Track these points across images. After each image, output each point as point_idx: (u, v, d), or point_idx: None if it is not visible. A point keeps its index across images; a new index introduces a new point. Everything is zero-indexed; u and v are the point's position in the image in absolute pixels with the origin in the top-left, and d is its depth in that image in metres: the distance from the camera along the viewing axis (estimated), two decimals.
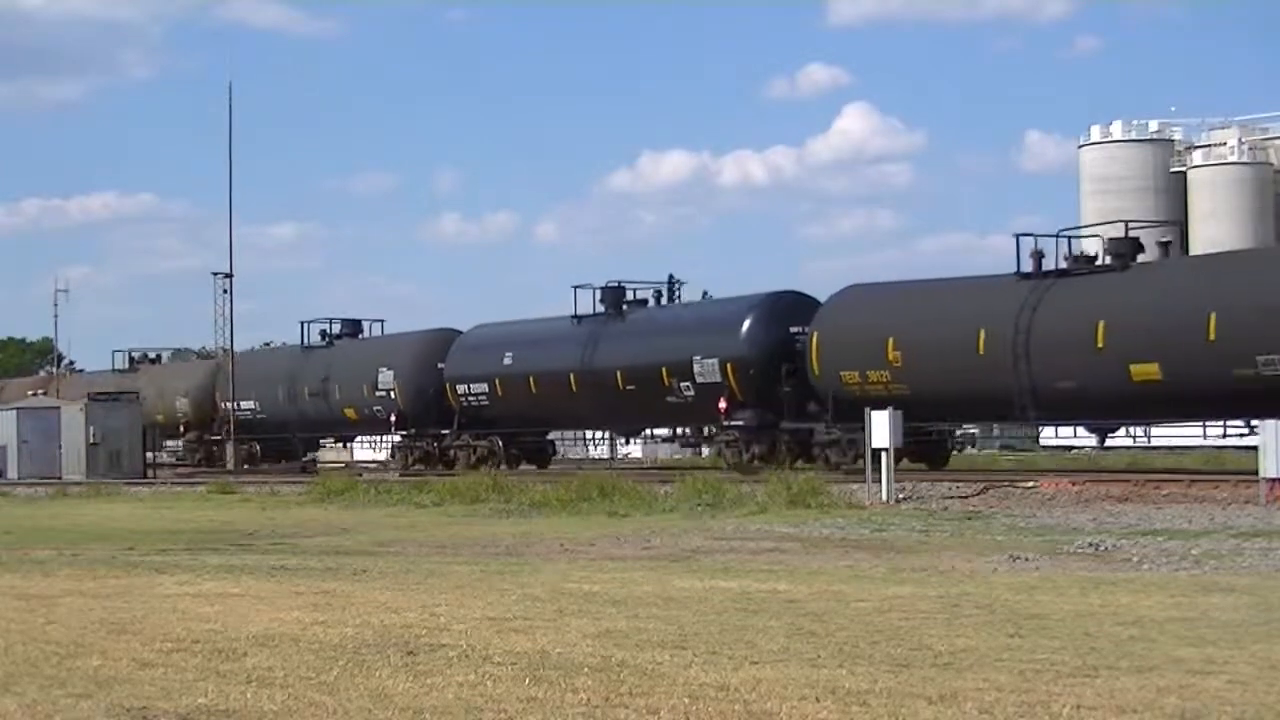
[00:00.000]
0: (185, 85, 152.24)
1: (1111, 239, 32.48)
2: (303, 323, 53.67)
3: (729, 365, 36.90)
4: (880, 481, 26.96)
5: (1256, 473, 24.01)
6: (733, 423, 37.22)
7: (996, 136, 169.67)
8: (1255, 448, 24.59)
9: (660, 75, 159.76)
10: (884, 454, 27.00)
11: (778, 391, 36.14)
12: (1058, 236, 33.35)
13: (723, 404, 36.96)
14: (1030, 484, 27.67)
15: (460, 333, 47.42)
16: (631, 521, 24.44)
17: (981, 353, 31.94)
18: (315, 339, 53.09)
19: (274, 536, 22.80)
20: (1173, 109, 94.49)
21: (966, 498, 26.72)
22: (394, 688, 8.69)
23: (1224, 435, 32.47)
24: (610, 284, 41.77)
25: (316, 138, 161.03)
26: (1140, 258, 31.95)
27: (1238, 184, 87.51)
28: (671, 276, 43.12)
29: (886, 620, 11.40)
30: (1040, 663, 9.30)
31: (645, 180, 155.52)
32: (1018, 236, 33.03)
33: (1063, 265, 32.45)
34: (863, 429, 33.39)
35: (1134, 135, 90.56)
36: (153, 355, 65.04)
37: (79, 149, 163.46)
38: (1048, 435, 46.81)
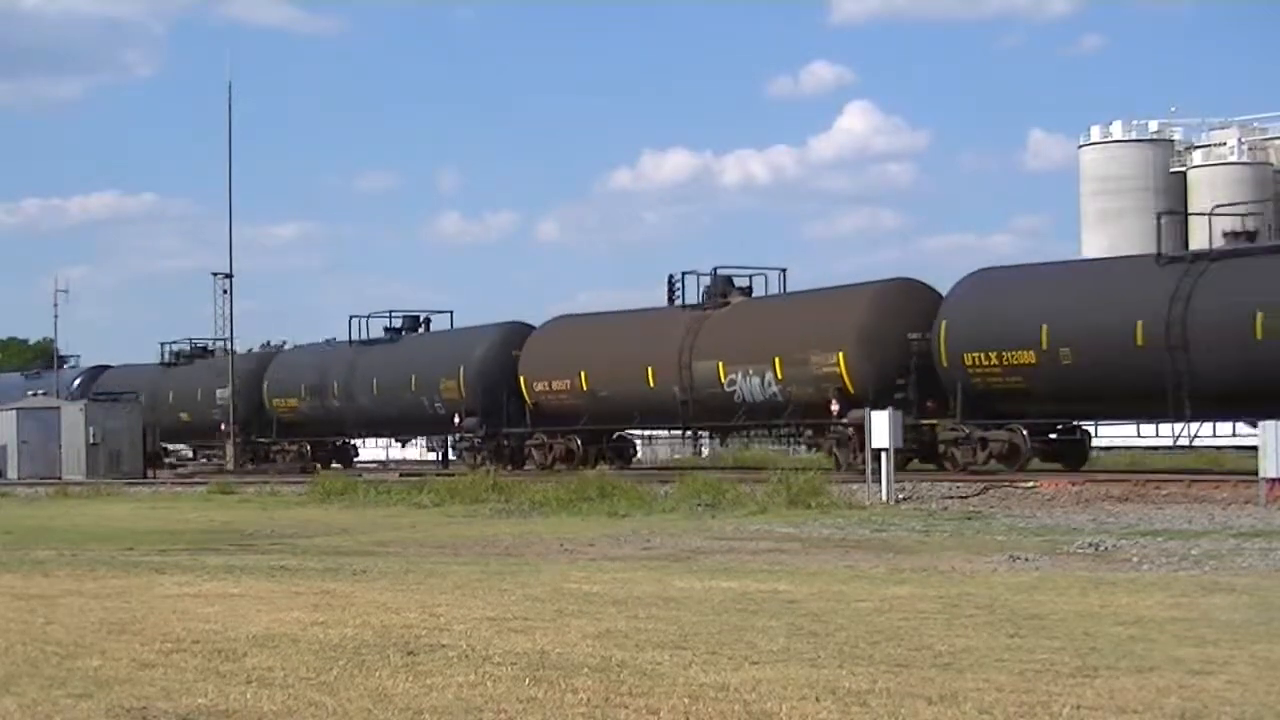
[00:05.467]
0: (187, 84, 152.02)
1: None
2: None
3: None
4: (880, 481, 26.98)
5: (1256, 473, 24.03)
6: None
7: (999, 136, 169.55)
8: (1255, 448, 24.60)
9: (661, 74, 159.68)
10: (884, 454, 27.01)
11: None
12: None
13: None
14: (1030, 484, 27.67)
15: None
16: (631, 521, 24.44)
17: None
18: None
19: (274, 537, 22.80)
20: (1173, 109, 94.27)
21: (966, 498, 26.73)
22: (394, 688, 8.69)
23: None
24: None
25: (318, 136, 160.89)
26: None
27: (1238, 184, 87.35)
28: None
29: (886, 620, 11.39)
30: (1040, 663, 9.30)
31: (647, 179, 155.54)
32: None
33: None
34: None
35: (1134, 135, 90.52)
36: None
37: (79, 149, 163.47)
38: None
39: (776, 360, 36.05)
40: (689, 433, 45.56)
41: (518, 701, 8.24)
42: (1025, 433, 31.73)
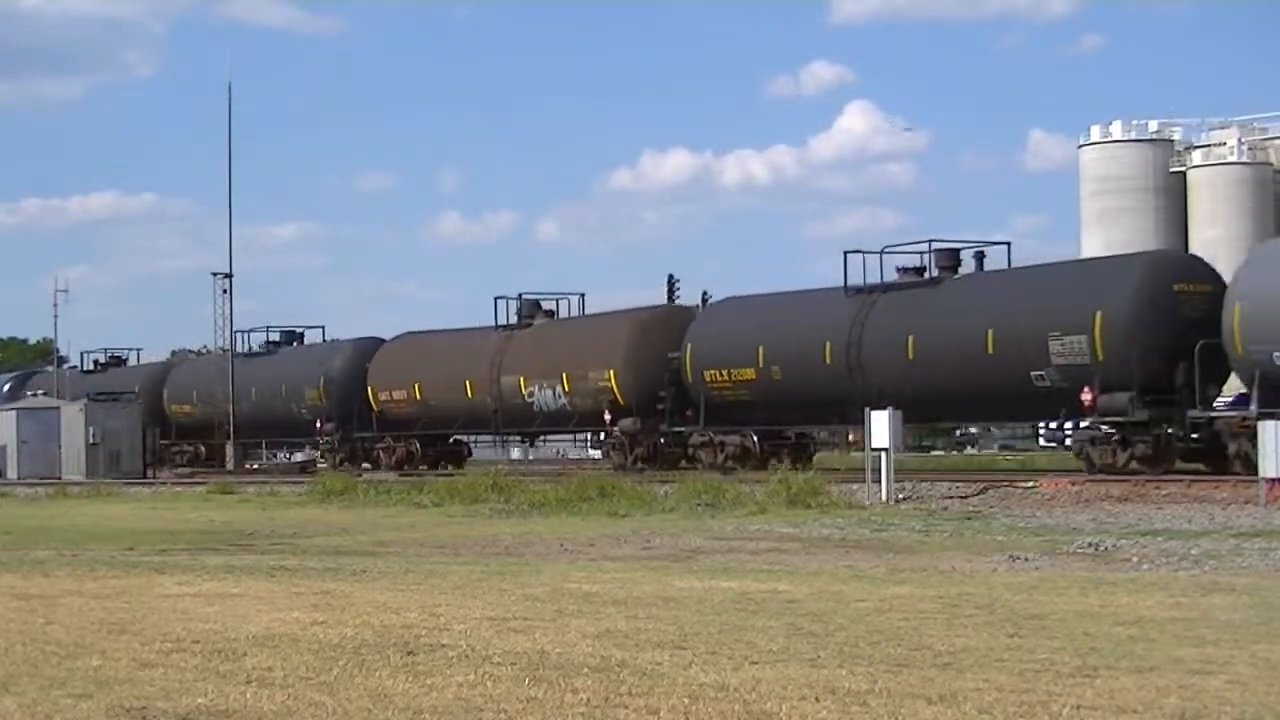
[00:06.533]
0: (187, 83, 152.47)
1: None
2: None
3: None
4: (880, 481, 26.96)
5: (1256, 472, 24.02)
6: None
7: (999, 136, 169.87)
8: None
9: (661, 74, 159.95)
10: (884, 454, 26.99)
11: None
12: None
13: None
14: (1030, 484, 27.69)
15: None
16: (631, 521, 24.43)
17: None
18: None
19: (274, 537, 22.80)
20: (1173, 109, 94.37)
21: (966, 498, 26.73)
22: (394, 688, 8.68)
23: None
24: None
25: (318, 136, 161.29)
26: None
27: (1238, 184, 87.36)
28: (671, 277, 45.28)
29: (886, 620, 11.39)
30: (1040, 663, 9.30)
31: (647, 179, 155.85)
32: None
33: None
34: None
35: (1134, 135, 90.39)
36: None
37: (79, 149, 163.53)
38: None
39: (564, 375, 41.92)
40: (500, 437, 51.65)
41: (518, 701, 8.24)
42: (756, 437, 37.31)
